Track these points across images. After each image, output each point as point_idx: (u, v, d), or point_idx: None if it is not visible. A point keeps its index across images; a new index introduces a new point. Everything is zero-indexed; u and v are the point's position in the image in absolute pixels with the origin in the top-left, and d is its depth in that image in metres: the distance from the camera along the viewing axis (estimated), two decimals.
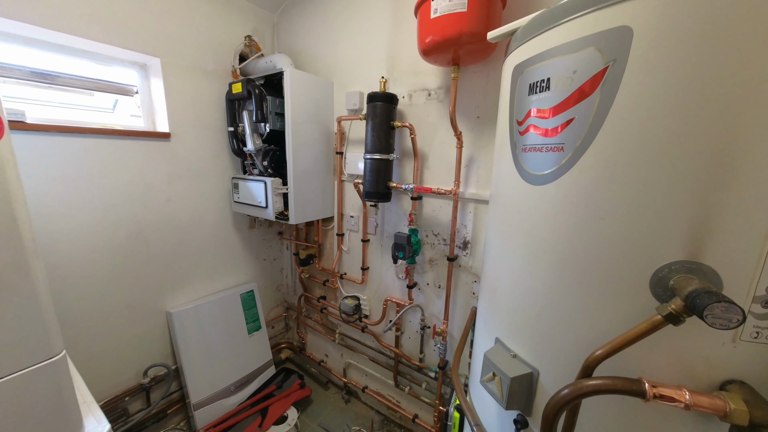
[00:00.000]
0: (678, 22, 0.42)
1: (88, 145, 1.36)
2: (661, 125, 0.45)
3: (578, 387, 0.50)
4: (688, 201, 0.44)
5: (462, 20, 1.01)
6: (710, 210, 0.43)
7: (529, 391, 0.65)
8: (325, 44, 1.75)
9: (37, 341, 0.69)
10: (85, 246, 1.40)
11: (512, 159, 0.67)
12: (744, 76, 0.40)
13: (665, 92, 0.44)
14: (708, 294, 0.38)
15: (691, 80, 0.42)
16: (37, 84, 1.34)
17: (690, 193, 0.44)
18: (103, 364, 1.51)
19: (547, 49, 0.57)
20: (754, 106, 0.40)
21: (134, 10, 1.40)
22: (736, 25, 0.39)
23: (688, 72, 0.42)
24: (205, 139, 1.74)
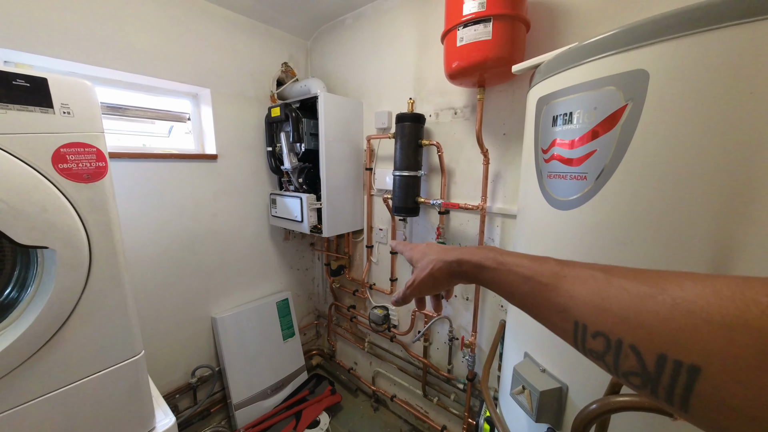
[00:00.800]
0: (690, 67, 0.46)
1: (150, 168, 1.55)
2: (679, 160, 0.48)
3: (606, 403, 0.53)
4: (708, 231, 0.47)
5: (487, 47, 1.07)
6: (731, 240, 0.46)
7: (559, 405, 0.68)
8: (355, 67, 1.87)
9: (124, 341, 0.83)
10: (146, 257, 1.59)
11: (538, 184, 0.72)
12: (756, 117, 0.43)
13: (681, 131, 0.48)
14: None
15: (706, 121, 0.46)
16: (111, 116, 1.56)
17: (709, 225, 0.47)
18: (160, 363, 1.68)
19: (570, 85, 0.62)
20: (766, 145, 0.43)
21: (189, 48, 1.60)
22: (745, 71, 0.43)
23: (701, 113, 0.46)
24: (246, 159, 1.91)
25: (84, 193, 0.71)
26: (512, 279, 0.32)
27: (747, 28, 0.42)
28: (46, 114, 0.66)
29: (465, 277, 0.39)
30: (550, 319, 0.29)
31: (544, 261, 0.31)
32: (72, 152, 0.69)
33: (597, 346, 0.24)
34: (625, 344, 0.21)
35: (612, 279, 0.24)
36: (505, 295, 0.34)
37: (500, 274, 0.33)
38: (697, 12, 0.45)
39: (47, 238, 0.65)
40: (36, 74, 0.65)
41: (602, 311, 0.23)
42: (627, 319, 0.22)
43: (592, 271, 0.26)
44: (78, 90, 0.70)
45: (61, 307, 0.69)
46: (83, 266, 0.71)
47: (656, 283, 0.22)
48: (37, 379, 0.70)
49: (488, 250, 0.37)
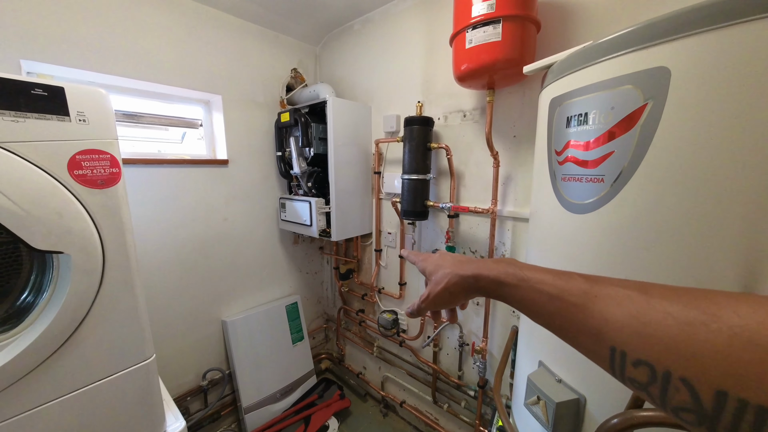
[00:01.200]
0: (715, 63, 0.44)
1: (163, 173, 1.58)
2: (704, 161, 0.46)
3: (628, 417, 0.50)
4: (737, 237, 0.44)
5: (497, 49, 1.05)
6: (763, 246, 0.43)
7: (577, 418, 0.65)
8: (363, 71, 1.88)
9: (135, 345, 0.83)
10: (158, 260, 1.61)
11: (551, 187, 0.70)
12: None
13: (706, 130, 0.45)
14: None
15: (733, 119, 0.43)
16: (126, 123, 1.60)
17: (738, 230, 0.44)
18: (171, 366, 1.70)
19: (585, 85, 0.60)
20: None
21: (202, 57, 1.63)
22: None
23: (728, 111, 0.43)
24: (256, 163, 1.93)
25: (98, 199, 0.73)
26: (536, 297, 0.30)
27: None
28: (62, 122, 0.67)
29: (483, 292, 0.37)
30: (581, 342, 0.27)
31: (569, 277, 0.29)
32: (87, 159, 0.70)
33: (639, 375, 0.22)
34: (675, 377, 0.20)
35: (652, 301, 0.22)
36: (529, 314, 0.32)
37: (522, 291, 0.31)
38: (722, 5, 0.43)
39: (63, 243, 0.67)
40: (53, 83, 0.66)
41: (645, 338, 0.21)
42: (675, 348, 0.20)
43: (627, 290, 0.24)
44: (93, 98, 0.72)
45: (76, 312, 0.70)
46: (97, 271, 0.72)
47: (705, 307, 0.20)
48: (51, 383, 0.71)
49: (507, 264, 0.35)
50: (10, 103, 0.62)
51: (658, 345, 0.21)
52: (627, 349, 0.22)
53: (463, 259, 0.41)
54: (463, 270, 0.38)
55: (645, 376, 0.21)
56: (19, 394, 0.68)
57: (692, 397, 0.19)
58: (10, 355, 0.64)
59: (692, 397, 0.19)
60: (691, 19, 0.45)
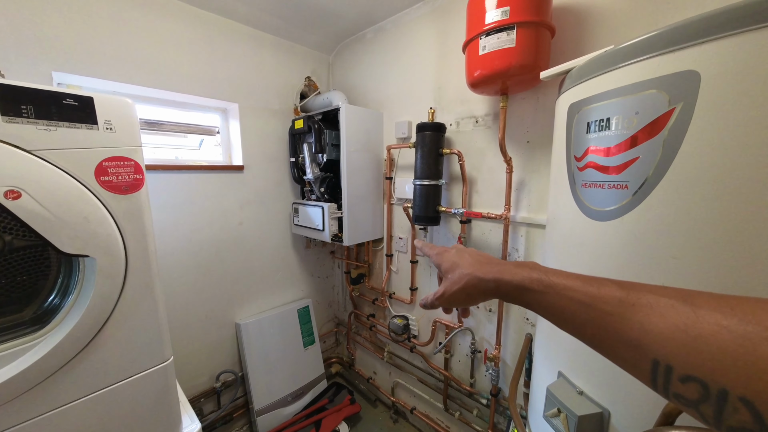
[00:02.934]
0: (748, 67, 0.43)
1: (182, 179, 1.63)
2: (737, 168, 0.44)
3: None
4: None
5: (511, 55, 1.05)
6: None
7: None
8: (375, 79, 1.90)
9: (154, 347, 0.85)
10: (176, 263, 1.65)
11: (571, 193, 0.68)
12: None
13: (739, 136, 0.44)
14: None
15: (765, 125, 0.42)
16: (147, 131, 1.66)
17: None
18: (187, 367, 1.73)
19: (606, 90, 0.59)
20: None
21: (220, 66, 1.68)
22: None
23: (761, 116, 0.42)
24: (270, 169, 1.97)
25: (122, 204, 0.75)
26: (565, 304, 0.29)
27: None
28: (91, 130, 0.70)
29: (503, 297, 0.35)
30: (618, 353, 0.25)
31: (601, 284, 0.27)
32: (113, 165, 0.73)
33: (688, 392, 0.20)
34: (733, 396, 0.18)
35: (701, 312, 0.21)
36: (556, 321, 0.30)
37: (549, 297, 0.30)
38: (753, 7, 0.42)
39: (89, 246, 0.69)
40: (83, 94, 0.69)
41: (694, 352, 0.20)
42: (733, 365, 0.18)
43: (669, 299, 0.23)
44: (120, 107, 0.74)
45: (99, 314, 0.73)
46: (120, 274, 0.74)
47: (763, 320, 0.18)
48: (74, 383, 0.73)
49: (530, 268, 0.33)
50: (44, 112, 0.65)
51: (711, 361, 0.19)
52: (674, 364, 0.21)
53: (482, 258, 0.39)
54: (483, 272, 0.36)
55: (695, 394, 0.20)
56: (45, 393, 0.70)
57: (755, 418, 0.17)
58: (37, 356, 0.67)
59: (755, 418, 0.17)
60: (721, 22, 0.44)
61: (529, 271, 0.33)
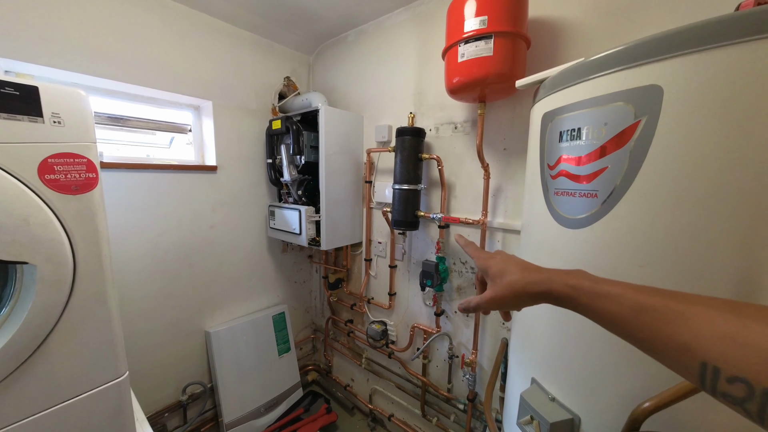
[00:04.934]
0: (708, 83, 0.44)
1: (149, 179, 1.53)
2: (698, 180, 0.46)
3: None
4: (731, 253, 0.44)
5: (488, 63, 1.06)
6: (755, 262, 0.43)
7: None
8: (356, 81, 1.88)
9: (107, 362, 0.78)
10: (139, 269, 1.54)
11: (544, 201, 0.69)
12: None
13: (700, 149, 0.45)
14: None
15: (726, 139, 0.43)
16: (111, 127, 1.55)
17: (732, 246, 0.44)
18: (149, 380, 1.62)
19: (577, 101, 0.60)
20: None
21: (193, 62, 1.60)
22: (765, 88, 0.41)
23: (721, 130, 0.44)
24: (246, 170, 1.89)
25: (71, 205, 0.69)
26: (617, 310, 0.31)
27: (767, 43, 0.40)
28: (34, 123, 0.64)
29: (554, 302, 0.37)
30: (667, 355, 0.28)
31: (651, 293, 0.30)
32: (60, 163, 0.66)
33: (735, 391, 0.24)
34: None
35: (747, 322, 0.24)
36: (606, 325, 0.33)
37: (601, 303, 0.32)
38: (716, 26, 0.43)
39: (28, 252, 0.62)
40: (26, 83, 0.63)
41: (741, 357, 0.23)
42: None
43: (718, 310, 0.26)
44: (71, 99, 0.68)
45: (40, 327, 0.65)
46: (66, 283, 0.67)
47: None
48: (10, 405, 0.65)
49: (579, 276, 0.35)
50: None
51: (757, 365, 0.22)
52: (721, 366, 0.24)
53: (529, 266, 0.41)
54: (534, 278, 0.38)
55: (741, 392, 0.23)
56: None
57: None
58: None
59: None
60: (683, 40, 0.46)
61: (579, 279, 0.35)
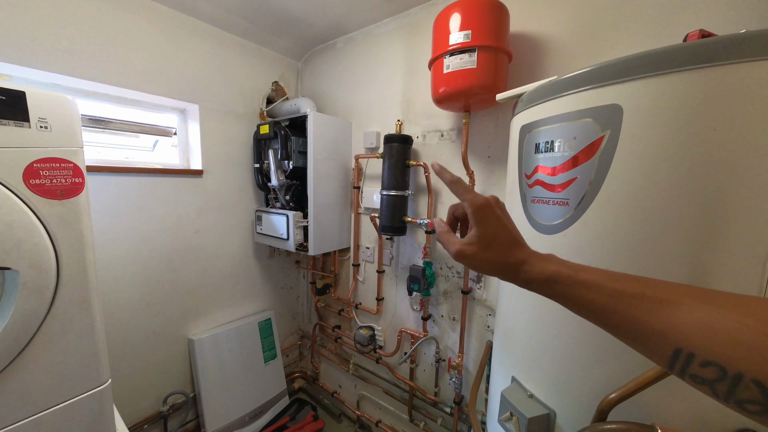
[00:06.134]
0: (660, 104, 0.49)
1: (132, 183, 1.50)
2: (652, 189, 0.51)
3: (595, 430, 0.52)
4: (683, 257, 0.49)
5: (472, 75, 1.12)
6: (703, 264, 0.48)
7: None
8: (344, 88, 1.91)
9: (89, 370, 0.76)
10: (120, 274, 1.51)
11: (522, 208, 0.74)
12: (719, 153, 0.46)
13: (654, 163, 0.50)
14: None
15: (676, 154, 0.49)
16: (93, 129, 1.52)
17: (684, 250, 0.49)
18: (128, 390, 1.57)
19: (551, 115, 0.65)
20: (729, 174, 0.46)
21: (180, 65, 1.60)
22: (707, 110, 0.46)
23: (672, 147, 0.49)
24: (232, 174, 1.89)
25: (56, 210, 0.68)
26: (593, 297, 0.32)
27: (710, 71, 0.45)
28: (21, 128, 0.63)
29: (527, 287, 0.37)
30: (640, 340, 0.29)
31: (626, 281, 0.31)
32: (46, 168, 0.66)
33: (706, 374, 0.25)
34: (747, 378, 0.23)
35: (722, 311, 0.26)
36: (580, 311, 0.34)
37: (577, 290, 0.33)
38: (664, 55, 0.49)
39: (10, 257, 0.61)
40: (13, 87, 0.62)
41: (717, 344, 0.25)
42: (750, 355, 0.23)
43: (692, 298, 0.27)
44: (58, 105, 0.68)
45: (20, 333, 0.64)
46: (48, 289, 0.66)
47: None
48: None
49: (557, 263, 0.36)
50: None
51: (731, 351, 0.24)
52: (696, 352, 0.26)
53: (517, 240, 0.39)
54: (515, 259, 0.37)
55: (713, 375, 0.25)
56: None
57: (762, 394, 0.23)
58: None
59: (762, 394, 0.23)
60: (639, 64, 0.51)
61: (557, 266, 0.35)
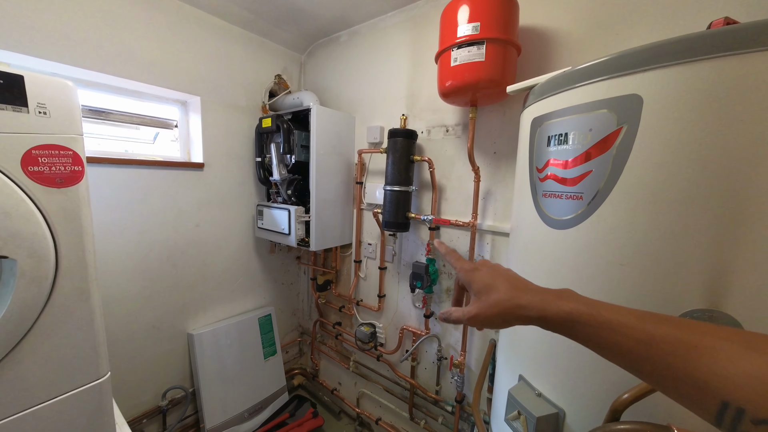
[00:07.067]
0: (683, 94, 0.48)
1: (132, 175, 1.48)
2: (673, 183, 0.49)
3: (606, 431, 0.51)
4: (704, 253, 0.47)
5: (480, 69, 1.09)
6: (725, 262, 0.46)
7: None
8: (348, 82, 1.89)
9: (88, 363, 0.75)
10: (120, 268, 1.49)
11: (533, 202, 0.72)
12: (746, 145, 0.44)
13: (676, 156, 0.49)
14: None
15: (699, 147, 0.47)
16: (92, 120, 1.50)
17: (704, 246, 0.47)
18: (128, 385, 1.55)
19: (565, 107, 0.63)
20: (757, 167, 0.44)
21: (181, 56, 1.57)
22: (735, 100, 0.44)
23: (695, 139, 0.47)
24: (234, 168, 1.87)
25: (55, 199, 0.66)
26: (620, 341, 0.28)
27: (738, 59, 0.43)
28: (18, 113, 0.61)
29: (546, 327, 0.34)
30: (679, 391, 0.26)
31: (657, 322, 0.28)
32: (45, 155, 0.64)
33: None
34: None
35: None
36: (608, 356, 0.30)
37: (602, 333, 0.29)
38: (689, 42, 0.47)
39: (8, 246, 0.60)
40: (11, 71, 0.61)
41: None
42: None
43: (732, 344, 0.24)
44: (57, 90, 0.66)
45: (18, 324, 0.62)
46: (47, 279, 0.65)
47: None
48: None
49: (575, 300, 0.32)
50: None
51: None
52: (747, 407, 0.23)
53: (518, 283, 0.37)
54: (525, 301, 0.35)
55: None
56: None
57: None
58: None
59: None
60: (662, 52, 0.49)
61: (576, 304, 0.32)
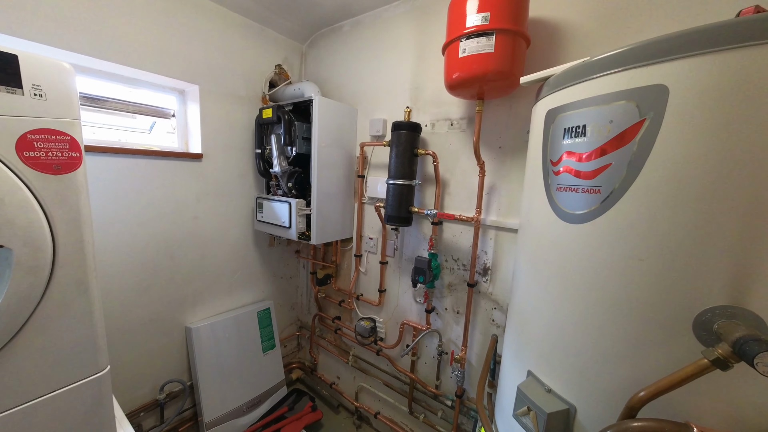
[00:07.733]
0: (714, 84, 0.46)
1: (129, 165, 1.44)
2: (699, 176, 0.48)
3: (623, 428, 0.50)
4: (728, 248, 0.46)
5: (489, 60, 1.07)
6: (750, 258, 0.45)
7: (566, 429, 0.65)
8: (350, 73, 1.86)
9: (87, 356, 0.73)
10: (117, 260, 1.46)
11: (545, 196, 0.71)
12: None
13: (703, 146, 0.47)
14: (757, 342, 0.39)
15: (729, 139, 0.45)
16: (87, 107, 1.45)
17: (729, 241, 0.46)
18: (125, 378, 1.53)
19: (583, 98, 0.62)
20: None
21: (180, 42, 1.53)
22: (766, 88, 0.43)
23: (724, 128, 0.46)
24: (233, 159, 1.83)
25: (52, 186, 0.63)
26: None
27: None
28: (12, 95, 0.58)
29: None
30: None
31: None
32: (41, 139, 0.61)
33: None
34: None
35: None
36: None
37: None
38: (718, 30, 0.45)
39: (3, 235, 0.57)
40: (4, 50, 0.57)
41: None
42: None
43: None
44: (54, 72, 0.63)
45: (14, 316, 0.60)
46: (44, 269, 0.62)
47: None
48: None
49: None
50: None
51: None
52: None
53: None
54: None
55: None
56: None
57: None
58: None
59: None
60: (691, 41, 0.48)
61: None
